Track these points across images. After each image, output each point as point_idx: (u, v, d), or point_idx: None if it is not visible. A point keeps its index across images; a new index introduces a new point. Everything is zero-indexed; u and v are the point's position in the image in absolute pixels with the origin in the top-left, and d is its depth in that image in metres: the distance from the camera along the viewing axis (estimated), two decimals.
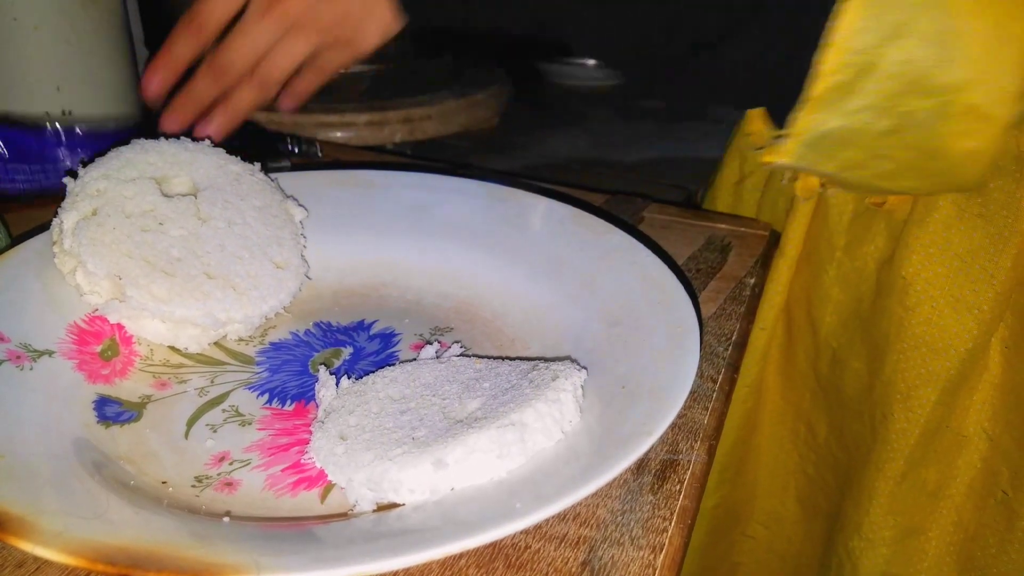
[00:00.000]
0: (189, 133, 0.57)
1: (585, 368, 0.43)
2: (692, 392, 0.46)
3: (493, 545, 0.36)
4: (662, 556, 0.36)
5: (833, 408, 0.69)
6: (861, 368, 0.65)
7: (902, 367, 0.61)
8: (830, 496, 0.71)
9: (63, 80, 0.79)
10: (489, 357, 0.47)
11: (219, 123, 0.61)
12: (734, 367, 0.50)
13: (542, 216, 0.57)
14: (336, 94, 0.87)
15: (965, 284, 0.58)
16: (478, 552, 0.36)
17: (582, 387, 0.41)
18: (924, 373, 0.60)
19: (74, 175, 0.51)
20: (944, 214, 0.58)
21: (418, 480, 0.36)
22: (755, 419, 0.75)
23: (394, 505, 0.37)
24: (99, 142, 0.66)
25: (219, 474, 0.41)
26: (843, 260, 0.64)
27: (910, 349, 0.60)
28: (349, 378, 0.45)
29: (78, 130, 0.69)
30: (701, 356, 0.49)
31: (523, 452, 0.37)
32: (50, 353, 0.46)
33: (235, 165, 0.55)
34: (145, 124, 0.86)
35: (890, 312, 0.61)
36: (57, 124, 0.66)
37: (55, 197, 0.51)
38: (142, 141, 0.53)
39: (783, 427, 0.74)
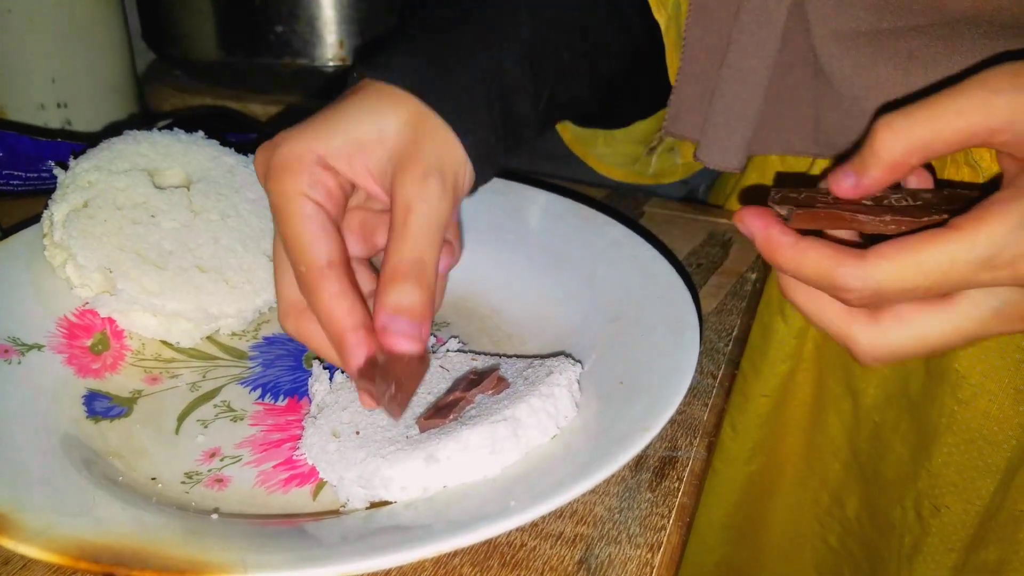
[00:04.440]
0: (181, 124, 0.56)
1: (580, 363, 0.42)
2: (692, 388, 0.45)
3: (488, 543, 0.36)
4: (660, 554, 0.36)
5: (869, 485, 0.66)
6: (904, 454, 0.61)
7: (955, 459, 0.58)
8: (858, 568, 0.68)
9: (58, 72, 0.79)
10: (486, 354, 0.46)
11: None
12: (734, 363, 0.49)
13: (542, 210, 0.56)
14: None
15: None
16: (473, 550, 0.35)
17: (578, 382, 0.40)
18: (982, 466, 0.57)
19: (64, 166, 0.50)
20: None
21: (410, 476, 0.35)
22: (767, 482, 0.72)
23: (386, 503, 0.37)
24: None
25: (210, 470, 0.40)
26: None
27: (964, 443, 0.57)
28: (343, 373, 0.45)
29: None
30: (701, 352, 0.48)
31: (516, 448, 0.36)
32: (39, 347, 0.45)
33: (229, 157, 0.54)
34: (139, 116, 0.86)
35: (940, 402, 0.57)
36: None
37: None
38: (134, 132, 0.52)
39: (804, 493, 0.71)
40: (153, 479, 0.40)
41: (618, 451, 0.35)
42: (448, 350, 0.47)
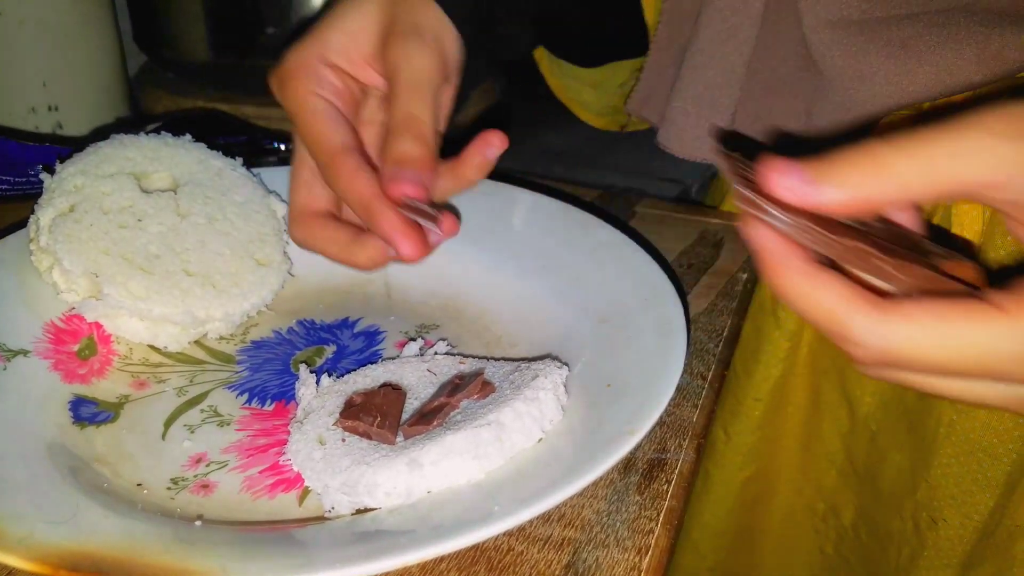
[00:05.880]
0: (169, 127, 0.56)
1: (566, 365, 0.42)
2: (681, 389, 0.45)
3: (475, 548, 0.35)
4: (648, 558, 0.36)
5: (866, 495, 0.65)
6: (903, 464, 0.60)
7: (955, 472, 0.56)
8: None
9: (49, 76, 0.79)
10: (474, 356, 0.46)
11: None
12: (725, 364, 0.49)
13: (530, 211, 0.56)
14: None
15: None
16: (460, 555, 0.35)
17: (564, 385, 0.40)
18: (981, 479, 0.55)
19: (51, 171, 0.50)
20: None
21: (393, 482, 0.35)
22: (761, 488, 0.71)
23: (372, 510, 0.36)
24: None
25: (195, 476, 0.40)
26: None
27: (964, 455, 0.55)
28: (330, 376, 0.44)
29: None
30: (692, 353, 0.48)
31: (501, 453, 0.36)
32: (25, 352, 0.45)
33: (216, 160, 0.54)
34: (130, 119, 0.85)
35: (939, 411, 0.56)
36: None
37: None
38: (121, 136, 0.52)
39: (799, 501, 0.70)
40: (139, 485, 0.39)
41: (604, 454, 0.35)
42: (436, 353, 0.47)
